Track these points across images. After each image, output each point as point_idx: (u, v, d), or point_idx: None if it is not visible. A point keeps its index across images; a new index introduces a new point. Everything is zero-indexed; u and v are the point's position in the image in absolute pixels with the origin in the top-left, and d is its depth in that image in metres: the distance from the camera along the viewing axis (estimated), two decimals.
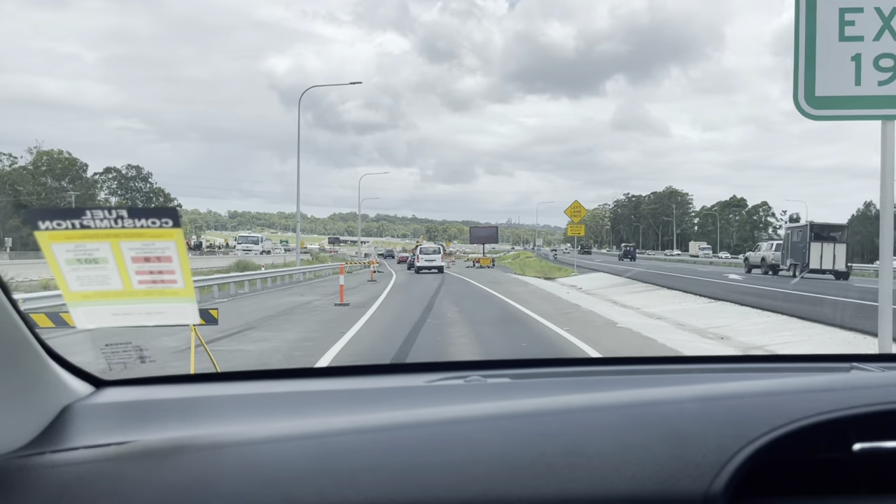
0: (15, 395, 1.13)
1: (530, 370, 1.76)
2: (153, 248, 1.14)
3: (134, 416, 1.29)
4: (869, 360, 1.69)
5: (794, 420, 1.08)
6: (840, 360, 1.75)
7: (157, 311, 1.17)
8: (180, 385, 1.58)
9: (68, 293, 1.14)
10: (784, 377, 1.52)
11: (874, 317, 5.03)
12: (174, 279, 1.16)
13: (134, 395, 1.40)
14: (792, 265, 29.75)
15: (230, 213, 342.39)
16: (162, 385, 1.54)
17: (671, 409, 1.14)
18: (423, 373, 1.64)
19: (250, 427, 1.18)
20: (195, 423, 1.28)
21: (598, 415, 1.14)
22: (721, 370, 1.81)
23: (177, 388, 1.53)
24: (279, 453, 1.06)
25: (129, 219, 1.12)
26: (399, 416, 1.18)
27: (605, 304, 18.10)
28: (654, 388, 1.34)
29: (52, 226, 1.11)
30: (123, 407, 1.32)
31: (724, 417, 1.10)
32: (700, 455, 1.04)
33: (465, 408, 1.20)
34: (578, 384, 1.57)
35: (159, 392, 1.46)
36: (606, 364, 1.99)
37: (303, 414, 1.32)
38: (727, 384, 1.28)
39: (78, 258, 1.13)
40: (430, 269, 41.00)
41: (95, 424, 1.22)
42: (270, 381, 1.63)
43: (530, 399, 1.24)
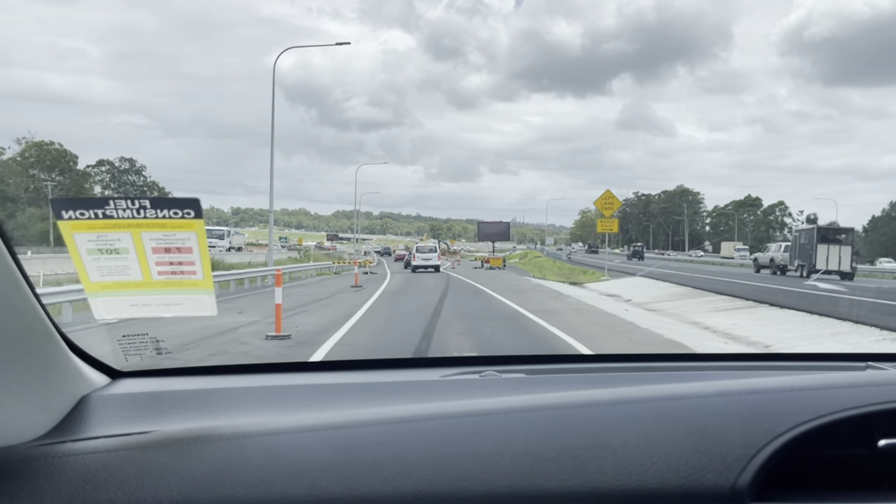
0: (36, 385, 1.13)
1: (545, 366, 1.76)
2: (174, 238, 1.14)
3: (153, 406, 1.29)
4: (884, 359, 1.68)
5: (819, 416, 1.08)
6: (856, 359, 1.74)
7: (176, 302, 1.17)
8: (196, 377, 1.57)
9: (88, 283, 1.15)
10: (803, 374, 1.47)
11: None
12: (194, 270, 1.16)
13: (151, 387, 1.41)
14: (799, 266, 31.05)
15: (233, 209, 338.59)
16: (178, 377, 1.55)
17: (694, 403, 1.14)
18: (439, 367, 1.65)
19: (271, 418, 1.18)
20: (214, 413, 1.28)
21: (622, 408, 1.13)
22: (739, 367, 1.75)
23: (193, 380, 1.53)
24: (303, 443, 1.06)
25: (151, 209, 1.12)
26: (421, 409, 1.18)
27: (697, 332, 11.81)
28: (674, 383, 1.32)
29: (76, 215, 1.11)
30: (142, 398, 1.33)
31: (748, 412, 1.10)
32: (726, 449, 1.04)
33: (485, 401, 1.20)
34: (595, 380, 1.55)
35: (176, 384, 1.47)
36: (621, 361, 1.89)
37: (323, 406, 1.31)
38: (748, 380, 1.29)
39: (99, 248, 1.13)
40: (426, 269, 40.61)
41: (114, 414, 1.23)
42: (286, 374, 1.65)
43: (550, 393, 1.24)
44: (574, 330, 10.91)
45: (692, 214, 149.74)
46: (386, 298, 18.22)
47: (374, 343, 9.97)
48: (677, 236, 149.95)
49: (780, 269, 33.48)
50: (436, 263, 41.47)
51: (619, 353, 2.34)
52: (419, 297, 19.15)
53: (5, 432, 1.07)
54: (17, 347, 1.08)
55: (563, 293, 20.84)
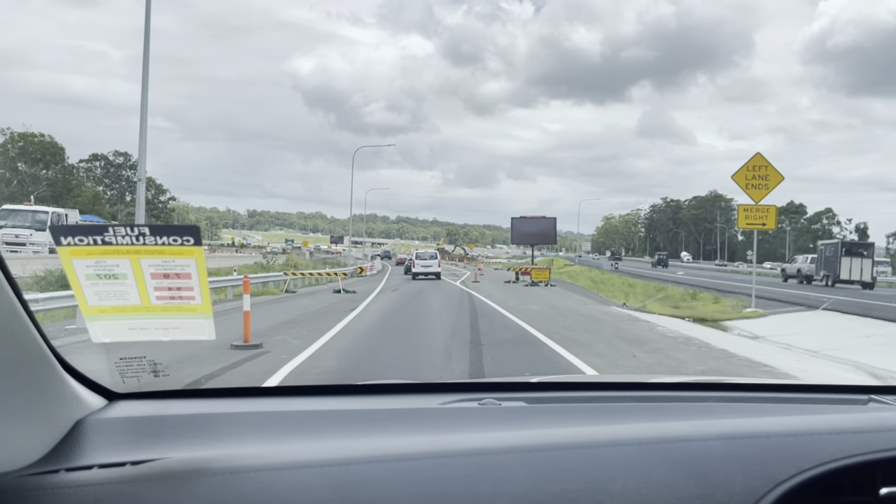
0: (30, 408, 1.11)
1: (545, 394, 1.73)
2: (173, 265, 1.14)
3: (148, 432, 1.27)
4: (886, 391, 1.63)
5: (821, 463, 1.07)
6: (858, 392, 1.71)
7: (174, 326, 1.18)
8: (194, 400, 1.54)
9: (86, 307, 1.15)
10: (805, 410, 1.47)
11: None
12: (193, 296, 1.16)
13: (147, 410, 1.38)
14: (825, 276, 34.55)
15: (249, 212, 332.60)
16: (175, 399, 1.51)
17: (696, 446, 1.13)
18: (437, 393, 1.60)
19: (269, 448, 1.18)
20: (211, 442, 1.26)
21: (623, 450, 1.12)
22: (740, 399, 1.73)
23: (190, 404, 1.50)
24: (299, 480, 1.05)
25: (150, 236, 1.12)
26: (419, 443, 1.18)
27: None
28: (676, 420, 1.32)
29: (74, 241, 1.10)
30: (138, 422, 1.31)
31: (750, 457, 1.09)
32: (727, 496, 1.02)
33: (484, 436, 1.20)
34: (597, 411, 1.51)
35: (173, 407, 1.44)
36: (622, 389, 1.89)
37: (320, 436, 1.29)
38: (751, 419, 1.27)
39: (98, 273, 1.13)
40: (426, 276, 37.80)
41: (109, 440, 1.21)
42: (282, 399, 1.61)
43: (550, 429, 1.23)
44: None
45: (724, 222, 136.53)
46: (350, 359, 9.07)
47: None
48: (709, 244, 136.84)
49: (807, 279, 36.70)
50: (436, 271, 38.44)
51: (621, 381, 2.01)
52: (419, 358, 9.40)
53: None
54: (11, 370, 1.07)
55: (735, 353, 10.22)
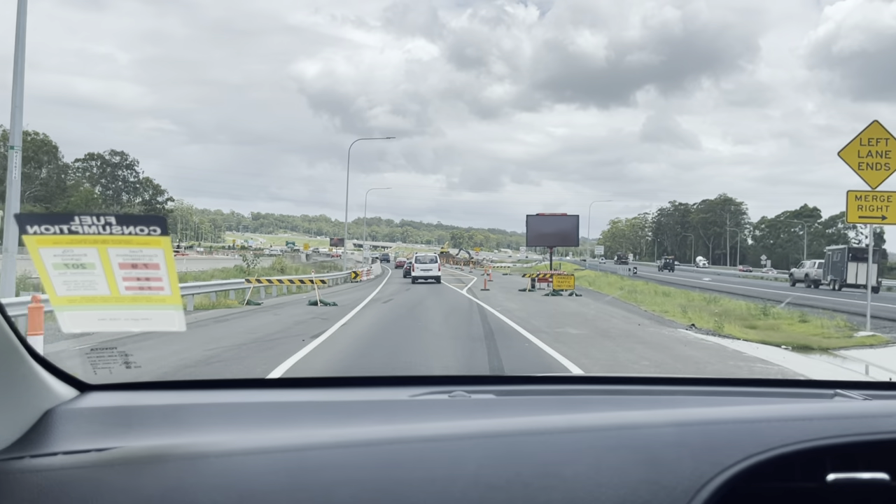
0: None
1: (514, 387, 1.75)
2: (141, 255, 1.12)
3: (117, 421, 1.28)
4: (854, 387, 1.67)
5: (769, 448, 1.08)
6: (825, 387, 1.72)
7: (144, 317, 1.16)
8: (165, 391, 1.54)
9: (55, 297, 1.13)
10: (766, 403, 1.47)
11: None
12: (161, 286, 1.14)
13: (118, 401, 1.39)
14: (832, 280, 36.93)
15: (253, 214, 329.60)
16: (147, 391, 1.52)
17: (648, 433, 1.14)
18: (409, 386, 1.61)
19: (230, 437, 1.19)
20: (177, 430, 1.27)
21: (576, 437, 1.14)
22: (705, 393, 1.73)
23: (161, 395, 1.50)
24: (257, 466, 1.05)
25: (116, 225, 1.10)
26: (380, 431, 1.18)
27: None
28: (633, 410, 1.34)
29: (41, 230, 1.09)
30: (107, 412, 1.31)
31: (699, 443, 1.11)
32: (674, 480, 1.03)
33: (446, 424, 1.22)
34: (561, 403, 1.53)
35: (144, 398, 1.45)
36: (590, 383, 1.86)
37: (284, 425, 1.29)
38: (706, 409, 1.29)
39: (65, 263, 1.12)
40: (426, 280, 36.76)
41: (78, 429, 1.21)
42: (254, 391, 1.61)
43: (512, 418, 1.23)
44: None
45: (735, 225, 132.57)
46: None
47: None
48: (719, 249, 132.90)
49: (814, 284, 38.86)
50: (436, 274, 37.34)
51: (589, 376, 1.98)
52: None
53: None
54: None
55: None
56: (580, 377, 1.87)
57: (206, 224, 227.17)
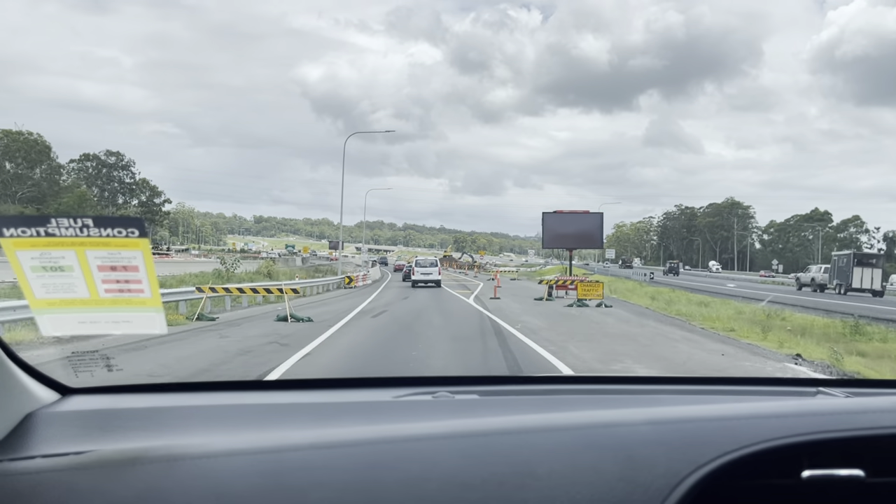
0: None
1: (498, 387, 1.73)
2: (119, 257, 1.11)
3: (96, 424, 1.27)
4: (836, 384, 1.67)
5: (743, 446, 1.08)
6: (808, 384, 1.72)
7: (124, 319, 1.15)
8: (145, 395, 1.52)
9: (34, 300, 1.13)
10: (744, 401, 1.48)
11: None
12: (141, 288, 1.13)
13: (99, 404, 1.38)
14: (838, 284, 37.82)
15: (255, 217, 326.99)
16: (128, 394, 1.51)
17: (624, 431, 1.14)
18: (393, 387, 1.60)
19: (209, 439, 1.18)
20: (156, 433, 1.25)
21: (552, 435, 1.14)
22: (686, 392, 1.72)
23: (142, 398, 1.48)
24: (233, 467, 1.05)
25: (94, 227, 1.09)
26: (361, 432, 1.17)
27: None
28: (609, 409, 1.33)
29: (17, 233, 1.08)
30: (87, 415, 1.30)
31: (675, 441, 1.10)
32: (649, 478, 1.03)
33: (426, 425, 1.21)
34: (543, 403, 1.54)
35: (125, 401, 1.43)
36: (573, 383, 1.86)
37: (264, 427, 1.28)
38: (682, 407, 1.29)
39: (43, 265, 1.11)
40: (426, 283, 35.44)
41: (57, 432, 1.20)
42: (237, 393, 1.59)
43: (492, 417, 1.23)
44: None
45: (742, 229, 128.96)
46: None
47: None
48: (726, 253, 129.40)
49: (820, 288, 40.55)
50: (436, 278, 36.81)
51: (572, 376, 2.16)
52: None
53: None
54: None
55: None
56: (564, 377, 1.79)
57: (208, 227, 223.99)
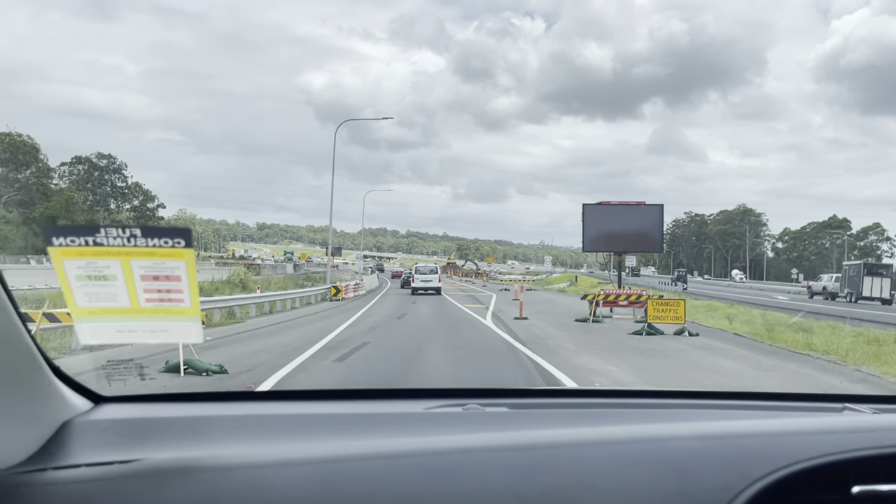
0: (16, 409, 1.13)
1: (527, 400, 1.74)
2: (163, 266, 1.12)
3: (134, 433, 1.28)
4: (861, 400, 1.68)
5: (796, 461, 1.09)
6: (833, 400, 1.74)
7: (162, 328, 1.16)
8: (180, 403, 1.52)
9: (75, 308, 1.14)
10: (781, 416, 1.50)
11: None
12: (181, 298, 1.14)
13: (134, 413, 1.38)
14: (848, 293, 40.28)
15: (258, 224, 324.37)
16: (161, 403, 1.50)
17: (675, 445, 1.15)
18: (422, 399, 1.61)
19: (255, 449, 1.18)
20: (197, 442, 1.26)
21: (605, 448, 1.14)
22: (718, 406, 1.73)
23: (177, 407, 1.48)
24: (287, 477, 1.05)
25: (142, 237, 1.11)
26: (403, 444, 1.18)
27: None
28: (656, 423, 1.34)
29: (66, 242, 1.10)
30: (123, 424, 1.31)
31: (727, 456, 1.11)
32: (705, 493, 1.04)
33: (467, 437, 1.21)
34: (578, 416, 1.52)
35: (159, 410, 1.44)
36: (603, 396, 1.86)
37: (306, 437, 1.28)
38: (728, 422, 1.30)
39: (88, 274, 1.12)
40: (426, 291, 35.21)
41: (95, 440, 1.21)
42: (268, 403, 1.60)
43: (532, 430, 1.25)
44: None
45: (754, 237, 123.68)
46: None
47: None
48: (738, 262, 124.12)
49: (832, 296, 42.27)
50: (436, 286, 36.87)
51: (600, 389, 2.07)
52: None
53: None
54: (0, 373, 1.09)
55: None
56: (591, 391, 1.77)
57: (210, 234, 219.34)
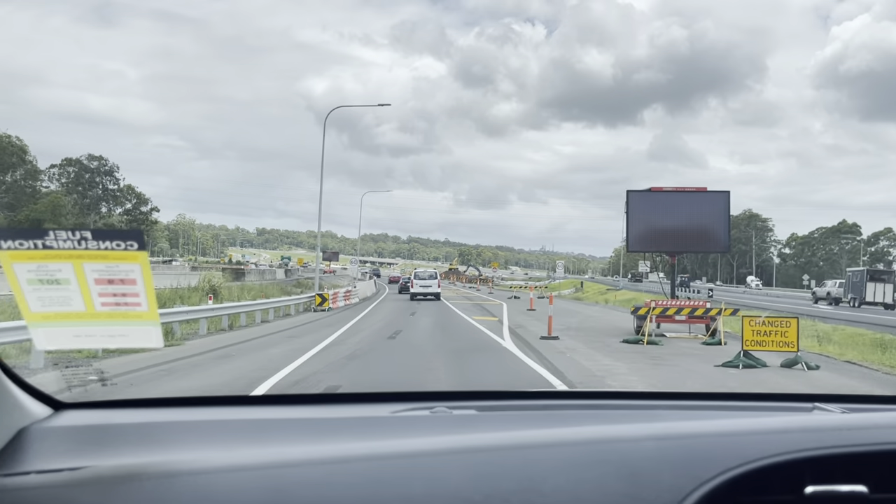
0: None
1: (496, 402, 1.72)
2: (117, 270, 1.09)
3: (90, 440, 1.25)
4: (833, 400, 1.67)
5: (747, 461, 1.08)
6: (804, 400, 1.72)
7: (120, 333, 1.13)
8: (139, 409, 1.50)
9: (29, 314, 1.12)
10: (744, 416, 1.50)
11: None
12: (138, 302, 1.11)
13: (92, 419, 1.35)
14: (852, 298, 41.85)
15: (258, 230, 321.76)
16: (121, 409, 1.48)
17: (628, 447, 1.14)
18: (390, 402, 1.58)
19: (206, 454, 1.17)
20: (151, 449, 1.24)
21: (557, 451, 1.13)
22: (685, 407, 1.72)
23: (136, 413, 1.47)
24: (234, 483, 1.04)
25: (92, 240, 1.08)
26: (360, 448, 1.16)
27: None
28: (612, 424, 1.34)
29: (15, 245, 1.07)
30: (80, 431, 1.28)
31: (679, 457, 1.10)
32: (654, 495, 1.03)
33: (427, 440, 1.21)
34: (542, 418, 1.53)
35: (118, 416, 1.42)
36: (571, 398, 1.88)
37: (262, 442, 1.27)
38: (685, 423, 1.31)
39: (40, 278, 1.09)
40: (425, 296, 34.91)
41: (51, 448, 1.19)
42: (231, 408, 1.58)
43: (492, 433, 1.24)
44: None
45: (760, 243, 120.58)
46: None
47: None
48: (744, 267, 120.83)
49: (835, 301, 43.60)
50: (436, 291, 36.68)
51: (573, 391, 2.04)
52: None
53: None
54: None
55: None
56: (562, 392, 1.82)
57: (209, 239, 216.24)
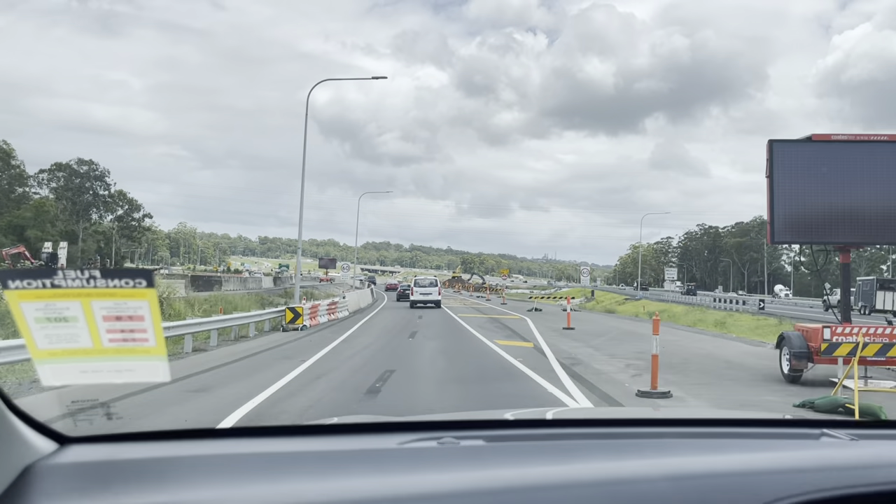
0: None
1: (505, 432, 1.71)
2: (126, 307, 1.10)
3: (98, 477, 1.22)
4: (839, 426, 1.63)
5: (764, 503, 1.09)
6: (811, 426, 1.70)
7: (127, 368, 1.13)
8: (148, 443, 1.46)
9: (35, 351, 1.11)
10: (755, 449, 1.47)
11: None
12: (146, 337, 1.12)
13: (99, 454, 1.32)
14: (863, 306, 43.79)
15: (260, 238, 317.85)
16: (129, 442, 1.43)
17: (643, 488, 1.14)
18: (396, 433, 1.54)
19: (220, 493, 1.15)
20: (161, 486, 1.20)
21: (573, 492, 1.13)
22: (694, 436, 1.68)
23: (144, 447, 1.42)
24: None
25: (101, 279, 1.09)
26: (374, 486, 1.17)
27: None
28: (627, 459, 1.35)
29: (23, 285, 1.07)
30: (88, 467, 1.25)
31: (696, 499, 1.11)
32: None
33: (440, 478, 1.21)
34: (553, 449, 1.50)
35: (126, 451, 1.37)
36: (582, 426, 1.86)
37: (275, 479, 1.25)
38: (700, 458, 1.32)
39: (47, 316, 1.10)
40: (425, 304, 34.70)
41: (59, 486, 1.16)
42: (238, 440, 1.55)
43: (505, 470, 1.25)
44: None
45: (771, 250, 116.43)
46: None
47: None
48: (755, 276, 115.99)
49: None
50: (436, 298, 36.22)
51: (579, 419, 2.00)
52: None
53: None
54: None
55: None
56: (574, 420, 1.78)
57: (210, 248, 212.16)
